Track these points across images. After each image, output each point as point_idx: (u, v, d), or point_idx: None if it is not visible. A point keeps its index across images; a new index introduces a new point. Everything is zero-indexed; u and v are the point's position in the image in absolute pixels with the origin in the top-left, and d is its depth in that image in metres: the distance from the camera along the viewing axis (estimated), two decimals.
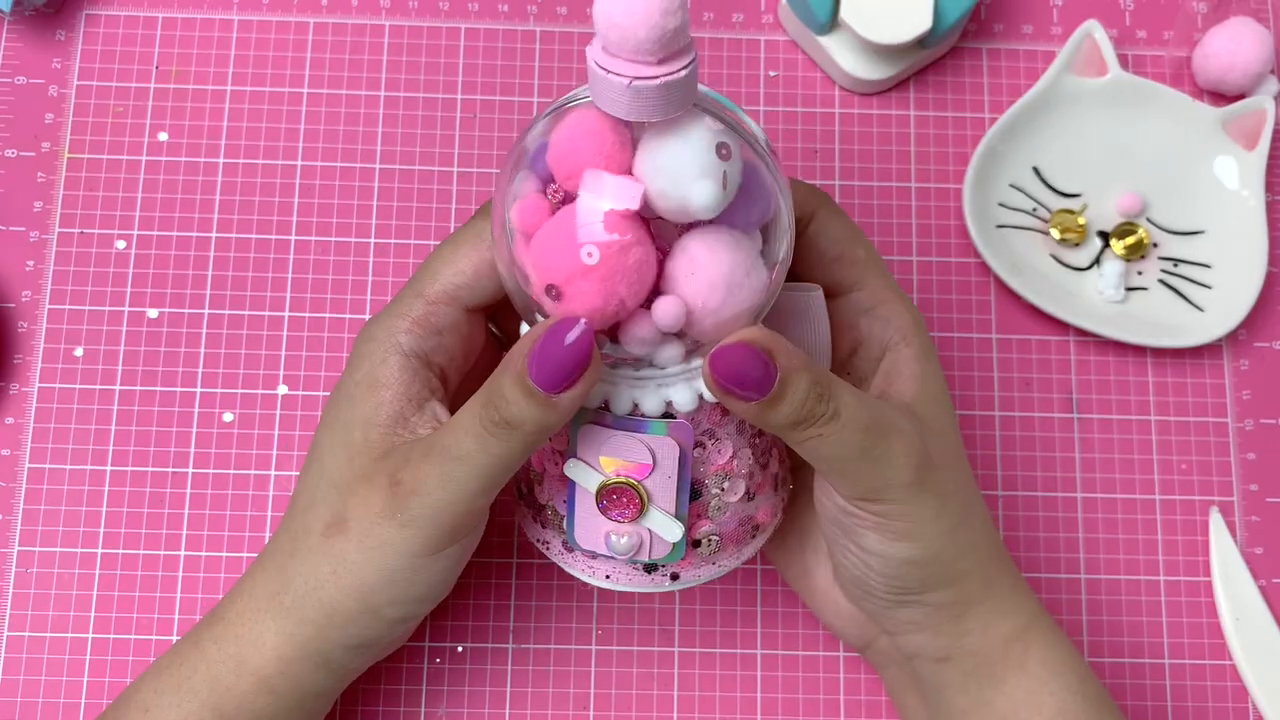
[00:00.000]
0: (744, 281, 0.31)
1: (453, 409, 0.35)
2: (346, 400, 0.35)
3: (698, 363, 0.32)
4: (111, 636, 0.42)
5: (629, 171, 0.29)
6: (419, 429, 0.34)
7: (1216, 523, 0.45)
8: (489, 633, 0.43)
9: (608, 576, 0.36)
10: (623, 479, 0.33)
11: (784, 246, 0.32)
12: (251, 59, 0.48)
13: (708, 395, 0.33)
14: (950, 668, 0.36)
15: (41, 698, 0.42)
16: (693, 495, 0.34)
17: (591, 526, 0.34)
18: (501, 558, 0.44)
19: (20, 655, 0.42)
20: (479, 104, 0.48)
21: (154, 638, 0.42)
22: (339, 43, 0.48)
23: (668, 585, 0.36)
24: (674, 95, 0.28)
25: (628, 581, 0.36)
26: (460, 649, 0.43)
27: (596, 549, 0.34)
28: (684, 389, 0.33)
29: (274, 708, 0.35)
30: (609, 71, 0.28)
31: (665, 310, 0.30)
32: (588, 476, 0.33)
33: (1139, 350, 0.46)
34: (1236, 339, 0.47)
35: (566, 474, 0.34)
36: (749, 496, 0.35)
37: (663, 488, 0.33)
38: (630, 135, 0.30)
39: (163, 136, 0.47)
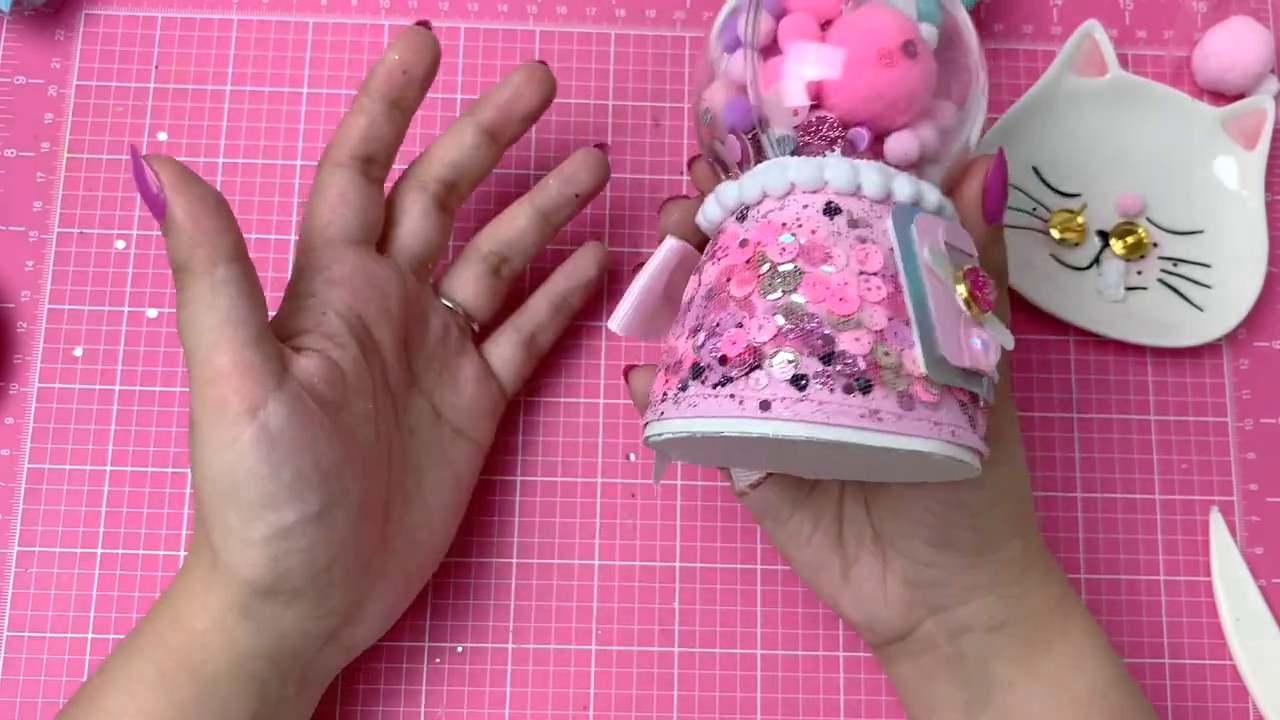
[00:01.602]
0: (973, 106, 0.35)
1: (404, 378, 0.38)
2: None
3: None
4: (111, 636, 0.42)
5: None
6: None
7: (1216, 523, 0.45)
8: (489, 633, 0.43)
9: (953, 433, 0.29)
10: (978, 265, 0.31)
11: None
12: (251, 59, 0.48)
13: (933, 201, 0.32)
14: (1003, 636, 0.36)
15: (41, 698, 0.42)
16: None
17: (957, 334, 0.29)
18: (501, 558, 0.44)
19: (20, 655, 0.42)
20: None
21: None
22: (339, 43, 0.48)
23: (979, 445, 0.30)
24: None
25: (968, 437, 0.30)
26: (460, 649, 0.43)
27: (969, 361, 0.29)
28: (931, 189, 0.32)
29: (211, 664, 0.35)
30: None
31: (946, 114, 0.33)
32: (946, 268, 0.30)
33: (1139, 350, 0.46)
34: (1236, 339, 0.47)
35: (929, 263, 0.29)
36: None
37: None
38: None
39: (162, 136, 0.47)
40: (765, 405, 0.28)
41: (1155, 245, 0.47)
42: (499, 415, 0.42)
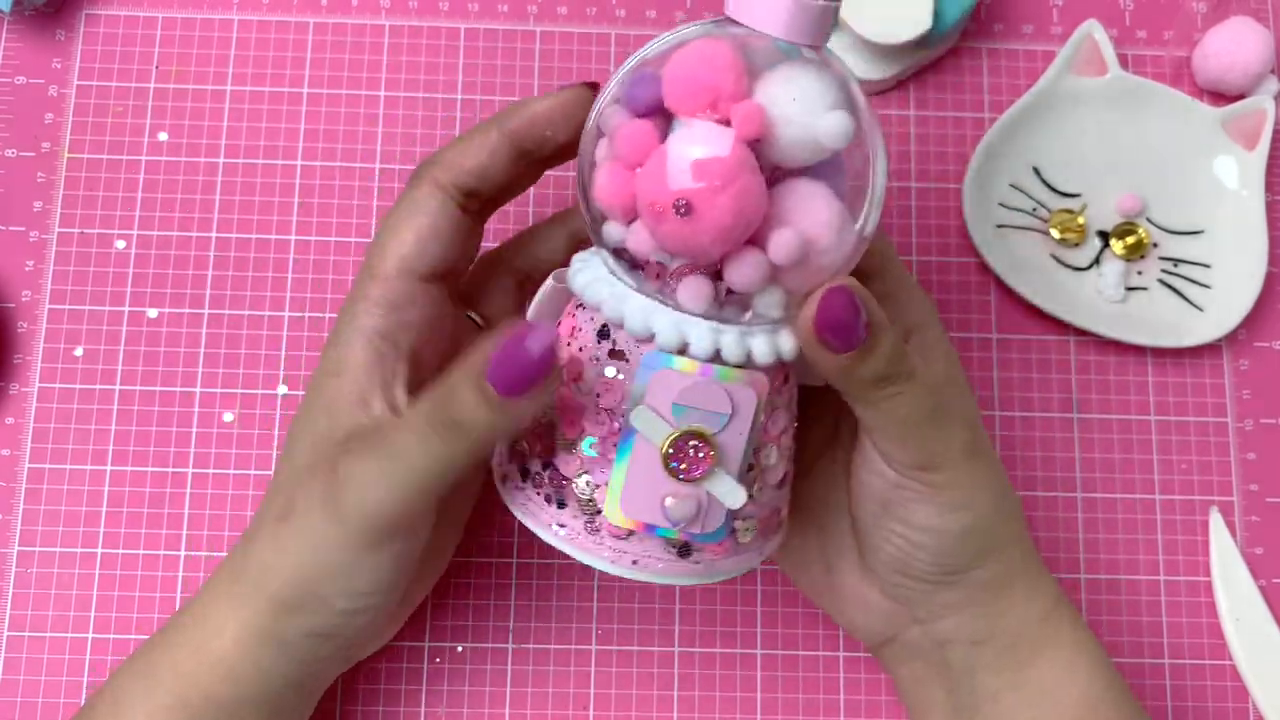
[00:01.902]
0: (844, 233, 0.31)
1: (408, 389, 0.34)
2: (314, 389, 0.35)
3: (771, 316, 0.32)
4: (111, 636, 0.42)
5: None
6: (378, 412, 0.33)
7: (1216, 523, 0.45)
8: (489, 633, 0.43)
9: (635, 562, 0.33)
10: (698, 429, 0.31)
11: (872, 219, 0.32)
12: (251, 59, 0.48)
13: (786, 351, 0.32)
14: (985, 649, 0.36)
15: (41, 698, 0.42)
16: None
17: (648, 490, 0.32)
18: (501, 558, 0.44)
19: (20, 655, 0.42)
20: (479, 104, 0.48)
21: None
22: (339, 43, 0.48)
23: (702, 575, 0.33)
24: (826, 23, 0.29)
25: (661, 569, 0.33)
26: (460, 649, 0.43)
27: (647, 517, 0.32)
28: (765, 341, 0.32)
29: (238, 695, 0.34)
30: None
31: (784, 242, 0.30)
32: (655, 428, 0.31)
33: (1139, 350, 0.46)
34: (1236, 339, 0.47)
35: (633, 424, 0.31)
36: (781, 483, 0.35)
37: (733, 445, 0.32)
38: (747, 68, 0.30)
39: (162, 136, 0.47)
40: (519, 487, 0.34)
41: (1155, 245, 0.47)
42: None
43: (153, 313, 0.45)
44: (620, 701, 0.43)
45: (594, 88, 0.35)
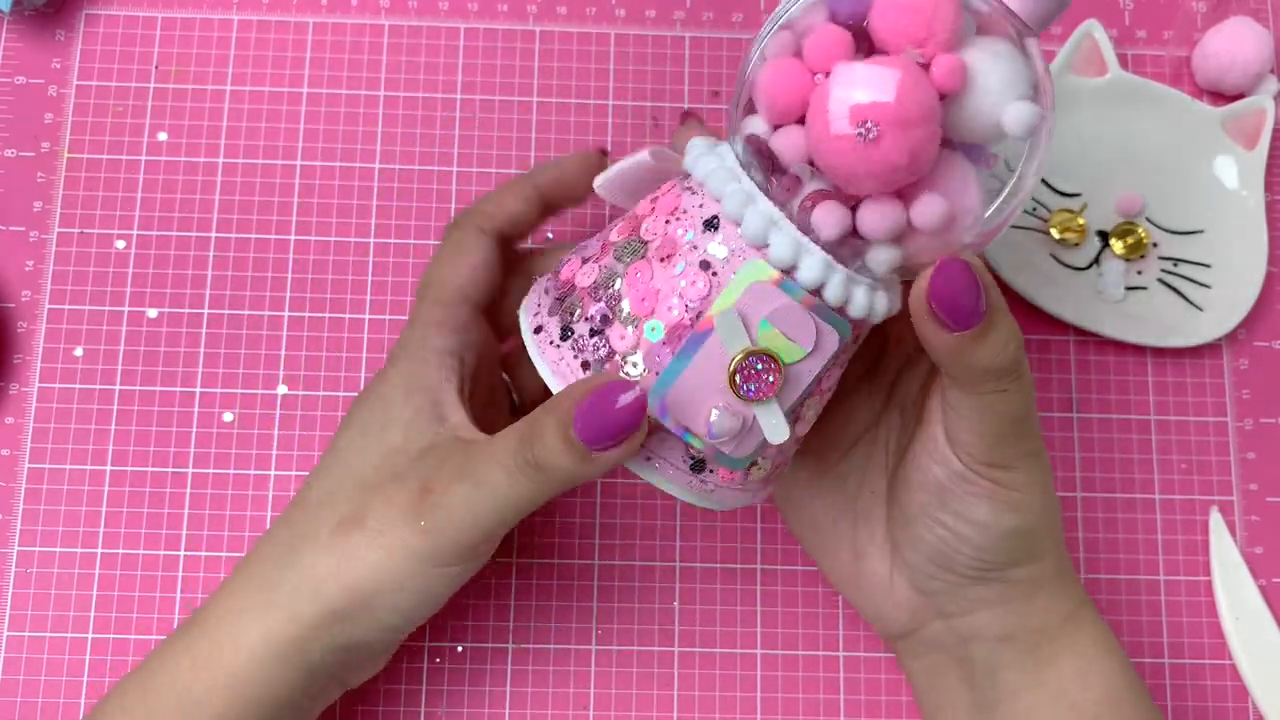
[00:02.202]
0: (981, 221, 0.31)
1: (469, 406, 0.36)
2: (380, 401, 0.36)
3: (878, 273, 0.31)
4: (111, 636, 0.42)
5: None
6: (456, 424, 0.35)
7: (1216, 523, 0.45)
8: (489, 633, 0.43)
9: (649, 459, 0.32)
10: (775, 351, 0.30)
11: (1008, 214, 0.32)
12: (251, 59, 0.48)
13: (878, 312, 0.32)
14: (1010, 646, 0.36)
15: (41, 698, 0.42)
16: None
17: (700, 393, 0.31)
18: (501, 558, 0.44)
19: (20, 655, 0.42)
20: (479, 104, 0.48)
21: (154, 637, 0.42)
22: (339, 43, 0.48)
23: (702, 497, 0.33)
24: (1054, 13, 0.30)
25: (670, 476, 0.32)
26: (460, 649, 0.43)
27: (688, 420, 0.31)
28: (864, 294, 0.31)
29: (249, 714, 0.34)
30: None
31: (933, 209, 0.29)
32: (736, 336, 0.30)
33: (1139, 350, 0.46)
34: (1236, 339, 0.47)
35: (715, 324, 0.30)
36: (800, 440, 0.34)
37: (797, 381, 0.31)
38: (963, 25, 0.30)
39: (162, 136, 0.47)
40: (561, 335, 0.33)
41: (1155, 245, 0.47)
42: None
43: (153, 313, 0.45)
44: (620, 701, 0.43)
45: (604, 154, 0.41)
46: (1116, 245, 0.46)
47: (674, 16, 0.49)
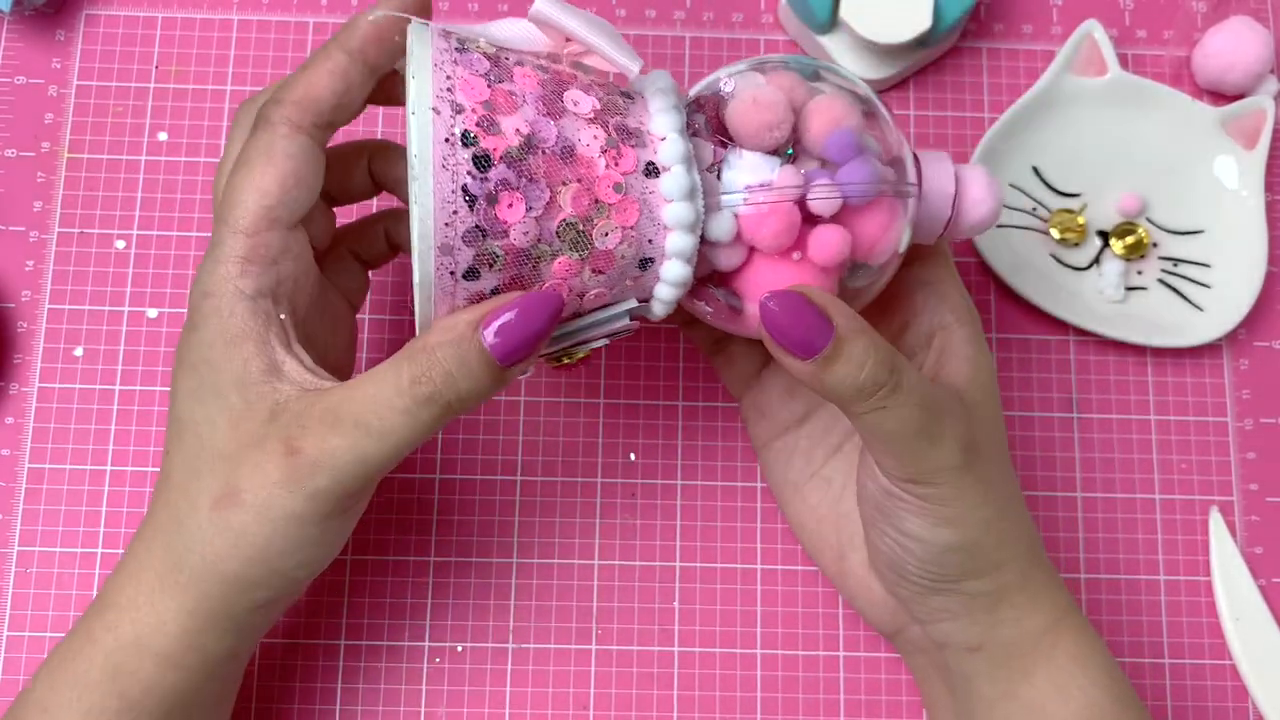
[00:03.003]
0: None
1: (302, 339, 0.34)
2: (205, 365, 0.33)
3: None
4: None
5: None
6: (295, 376, 0.32)
7: (1216, 522, 0.45)
8: (489, 633, 0.43)
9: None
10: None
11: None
12: (251, 59, 0.48)
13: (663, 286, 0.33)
14: (981, 658, 0.36)
15: None
16: None
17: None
18: (501, 558, 0.44)
19: (20, 655, 0.42)
20: None
21: None
22: None
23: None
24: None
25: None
26: (460, 649, 0.43)
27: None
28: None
29: (184, 682, 0.34)
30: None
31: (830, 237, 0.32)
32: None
33: (1139, 350, 0.46)
34: (1236, 339, 0.47)
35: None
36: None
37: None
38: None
39: (162, 136, 0.47)
40: None
41: (1155, 245, 0.47)
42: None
43: (153, 313, 0.45)
44: (620, 701, 0.43)
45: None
46: (1116, 245, 0.46)
47: (674, 16, 0.49)
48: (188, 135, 0.47)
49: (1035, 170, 0.47)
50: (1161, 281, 0.46)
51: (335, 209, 0.39)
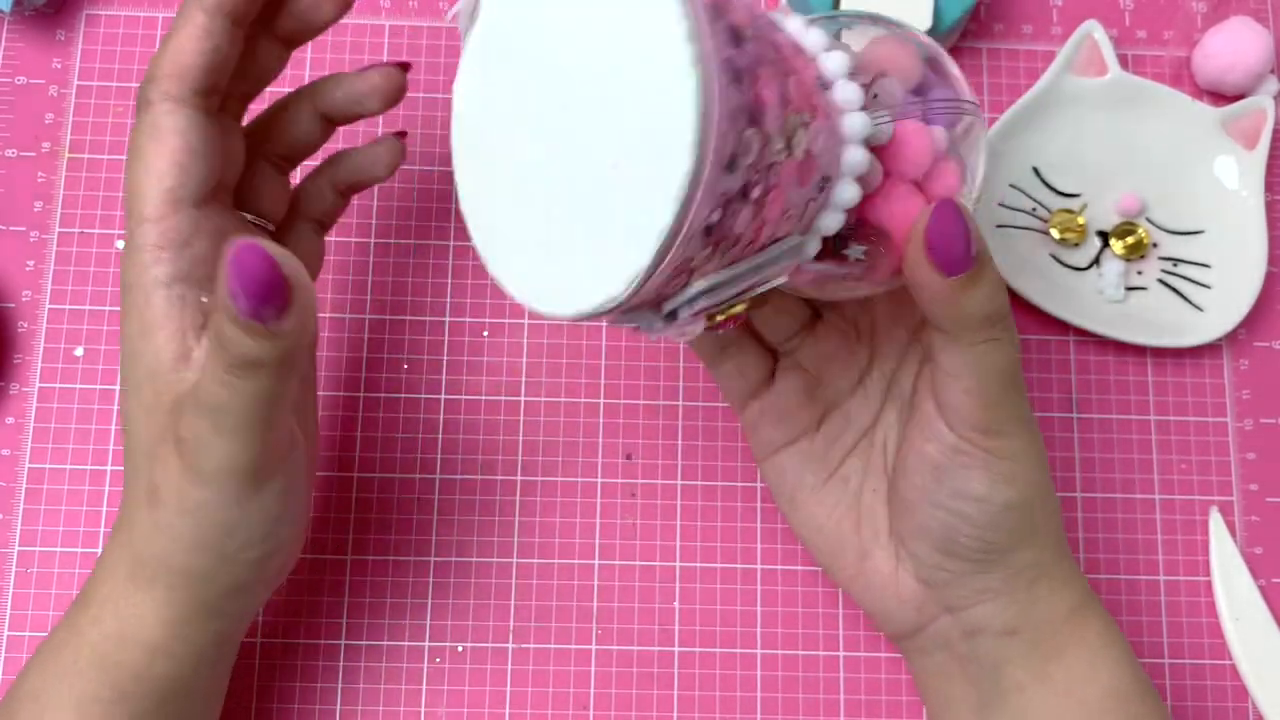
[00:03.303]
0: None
1: None
2: (128, 358, 0.33)
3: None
4: None
5: None
6: (200, 363, 0.32)
7: (1216, 523, 0.45)
8: (489, 633, 0.43)
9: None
10: None
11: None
12: None
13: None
14: (1015, 641, 0.36)
15: None
16: None
17: None
18: (501, 558, 0.44)
19: (20, 655, 0.42)
20: None
21: None
22: (339, 43, 0.48)
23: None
24: None
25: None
26: (460, 649, 0.43)
27: None
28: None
29: (175, 670, 0.34)
30: None
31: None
32: None
33: (1139, 350, 0.46)
34: (1236, 339, 0.47)
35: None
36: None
37: None
38: None
39: None
40: None
41: (1155, 245, 0.47)
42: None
43: None
44: (620, 701, 0.43)
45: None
46: (1116, 245, 0.46)
47: None
48: None
49: (1035, 170, 0.47)
50: (1161, 281, 0.46)
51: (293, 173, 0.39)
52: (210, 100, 0.33)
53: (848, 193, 0.30)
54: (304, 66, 0.47)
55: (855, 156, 0.30)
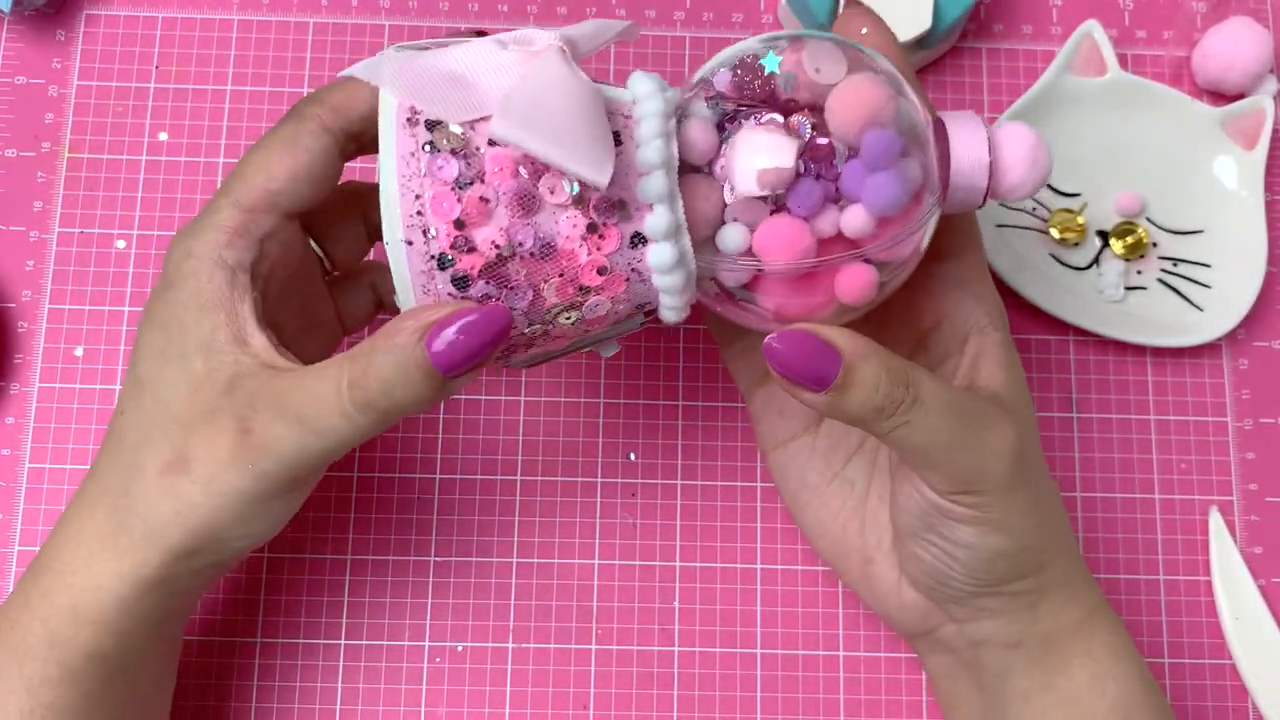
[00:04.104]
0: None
1: (271, 321, 0.34)
2: (175, 324, 0.33)
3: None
4: None
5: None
6: (259, 350, 0.33)
7: (1216, 522, 0.45)
8: (489, 633, 0.43)
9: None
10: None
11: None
12: (251, 59, 0.48)
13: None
14: (1019, 653, 0.36)
15: None
16: None
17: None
18: (501, 557, 0.44)
19: None
20: None
21: None
22: (339, 43, 0.48)
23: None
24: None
25: None
26: (460, 649, 0.43)
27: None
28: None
29: (122, 646, 0.34)
30: None
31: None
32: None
33: (1139, 350, 0.46)
34: (1236, 338, 0.47)
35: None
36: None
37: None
38: None
39: (163, 136, 0.47)
40: None
41: (1155, 245, 0.47)
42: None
43: None
44: (620, 701, 0.43)
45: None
46: (1116, 245, 0.46)
47: (674, 17, 0.49)
48: (188, 135, 0.47)
49: None
50: (1161, 281, 0.46)
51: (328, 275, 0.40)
52: (349, 146, 0.35)
53: (671, 315, 0.33)
54: (304, 67, 0.47)
55: (669, 301, 0.32)
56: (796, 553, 0.44)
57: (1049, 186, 0.47)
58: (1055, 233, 0.46)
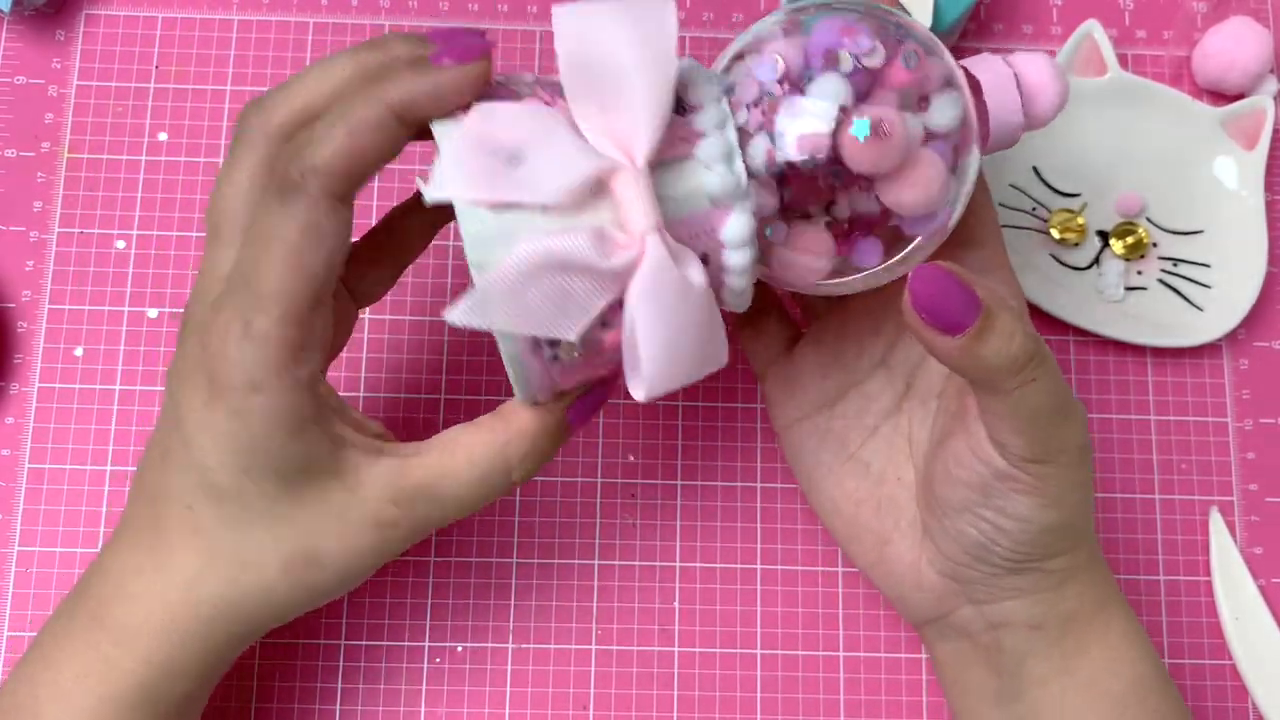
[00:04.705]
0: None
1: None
2: (263, 453, 0.31)
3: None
4: None
5: None
6: (358, 443, 0.33)
7: (1216, 522, 0.45)
8: (489, 633, 0.43)
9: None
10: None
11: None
12: (251, 59, 0.48)
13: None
14: (1040, 635, 0.36)
15: None
16: None
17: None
18: (501, 558, 0.44)
19: (20, 655, 0.42)
20: None
21: None
22: (339, 43, 0.48)
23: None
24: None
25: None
26: (460, 649, 0.43)
27: None
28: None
29: (188, 682, 0.35)
30: None
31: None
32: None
33: (1139, 350, 0.46)
34: (1236, 339, 0.47)
35: None
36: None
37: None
38: None
39: (162, 136, 0.47)
40: None
41: (1155, 245, 0.47)
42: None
43: (153, 313, 0.45)
44: (620, 701, 0.43)
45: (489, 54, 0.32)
46: (1116, 245, 0.46)
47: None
48: (188, 135, 0.47)
49: (1035, 170, 0.47)
50: (1161, 281, 0.46)
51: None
52: (352, 197, 0.32)
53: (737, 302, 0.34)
54: (304, 67, 0.47)
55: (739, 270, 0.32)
56: (796, 553, 0.44)
57: (1049, 186, 0.47)
58: (1055, 233, 0.46)
